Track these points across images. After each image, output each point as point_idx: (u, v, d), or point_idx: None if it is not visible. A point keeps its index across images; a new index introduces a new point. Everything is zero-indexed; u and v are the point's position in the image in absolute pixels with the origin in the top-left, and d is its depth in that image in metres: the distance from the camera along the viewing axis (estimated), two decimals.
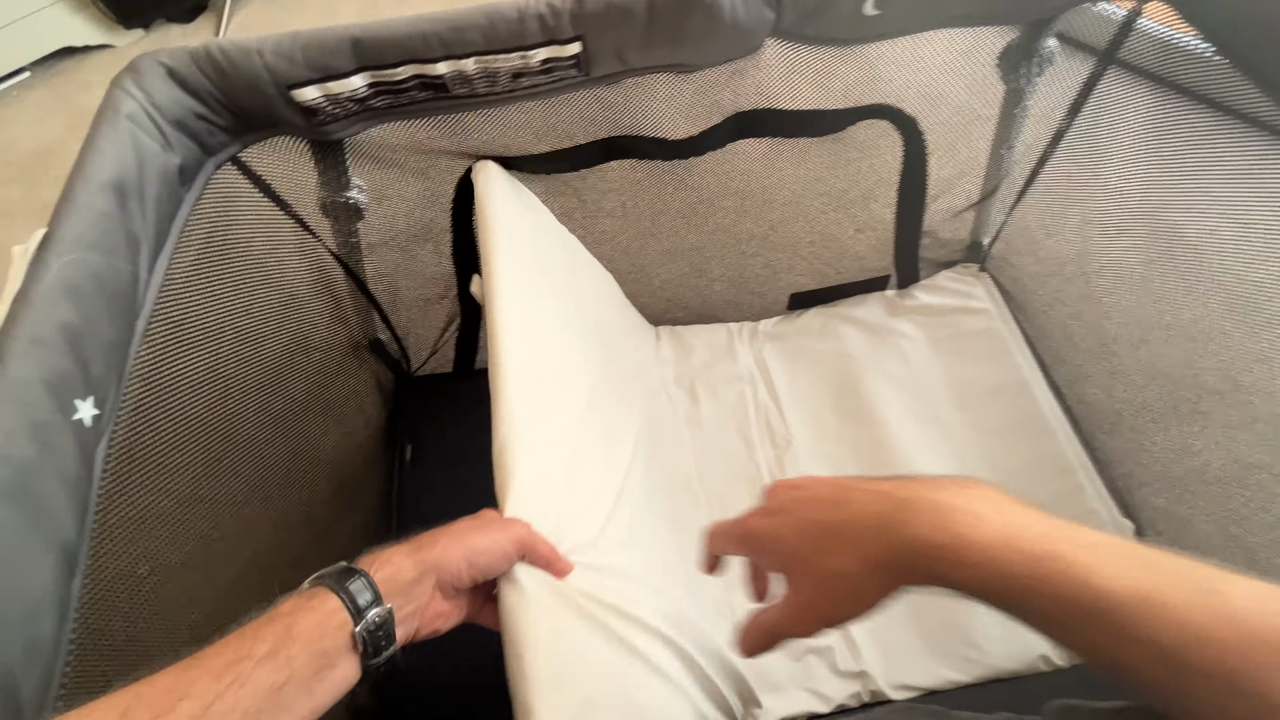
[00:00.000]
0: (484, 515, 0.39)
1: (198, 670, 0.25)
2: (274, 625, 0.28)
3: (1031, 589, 0.23)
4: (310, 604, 0.29)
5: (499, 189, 0.57)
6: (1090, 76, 0.62)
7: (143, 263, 0.42)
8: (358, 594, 0.30)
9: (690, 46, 0.50)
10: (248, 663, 0.25)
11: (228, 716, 0.23)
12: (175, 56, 0.46)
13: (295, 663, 0.27)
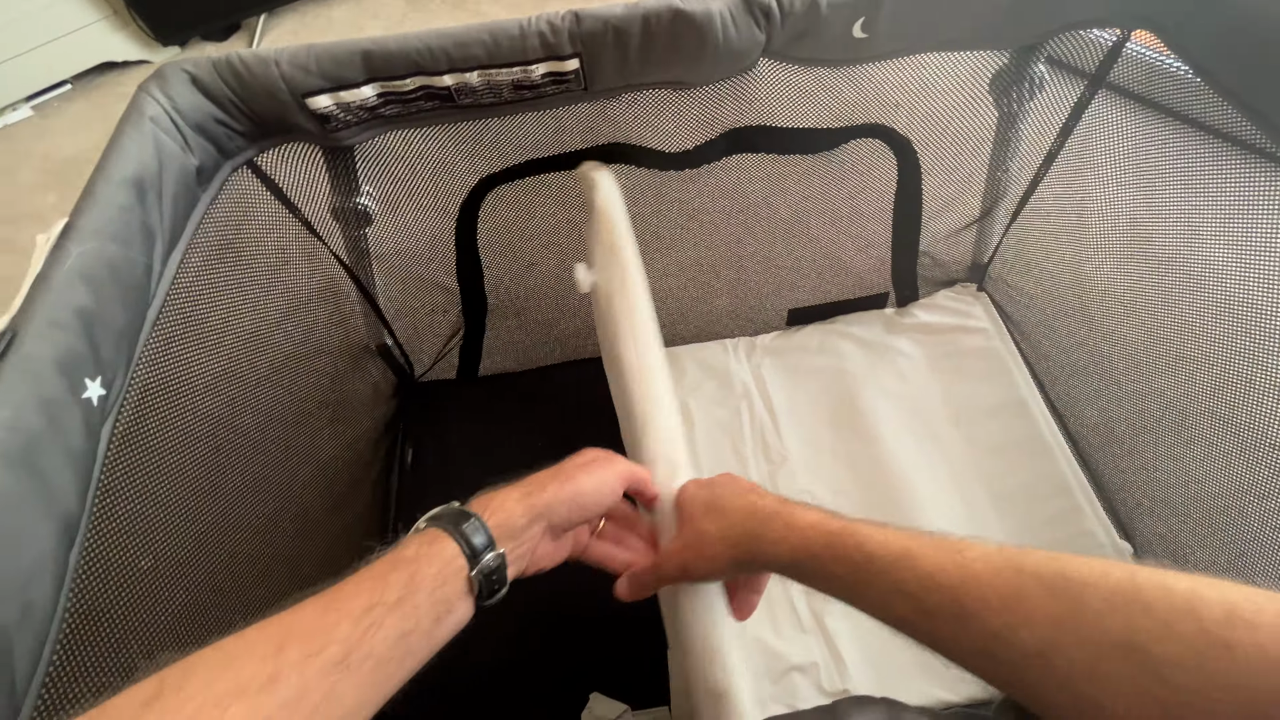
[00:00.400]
0: (588, 454, 0.41)
1: (338, 614, 0.26)
2: (400, 572, 0.29)
3: (827, 556, 0.30)
4: (431, 550, 0.30)
5: (613, 186, 0.58)
6: (1080, 100, 0.63)
7: (156, 256, 0.45)
8: (473, 538, 0.31)
9: (684, 65, 0.52)
10: (381, 609, 0.26)
11: (364, 662, 0.24)
12: (198, 65, 0.49)
13: (420, 610, 0.28)
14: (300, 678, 0.22)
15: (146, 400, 0.44)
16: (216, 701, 0.20)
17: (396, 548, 0.31)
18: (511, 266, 0.80)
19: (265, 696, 0.21)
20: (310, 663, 0.23)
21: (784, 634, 0.70)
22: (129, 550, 0.41)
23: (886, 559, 0.28)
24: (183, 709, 0.20)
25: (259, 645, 0.23)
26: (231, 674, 0.21)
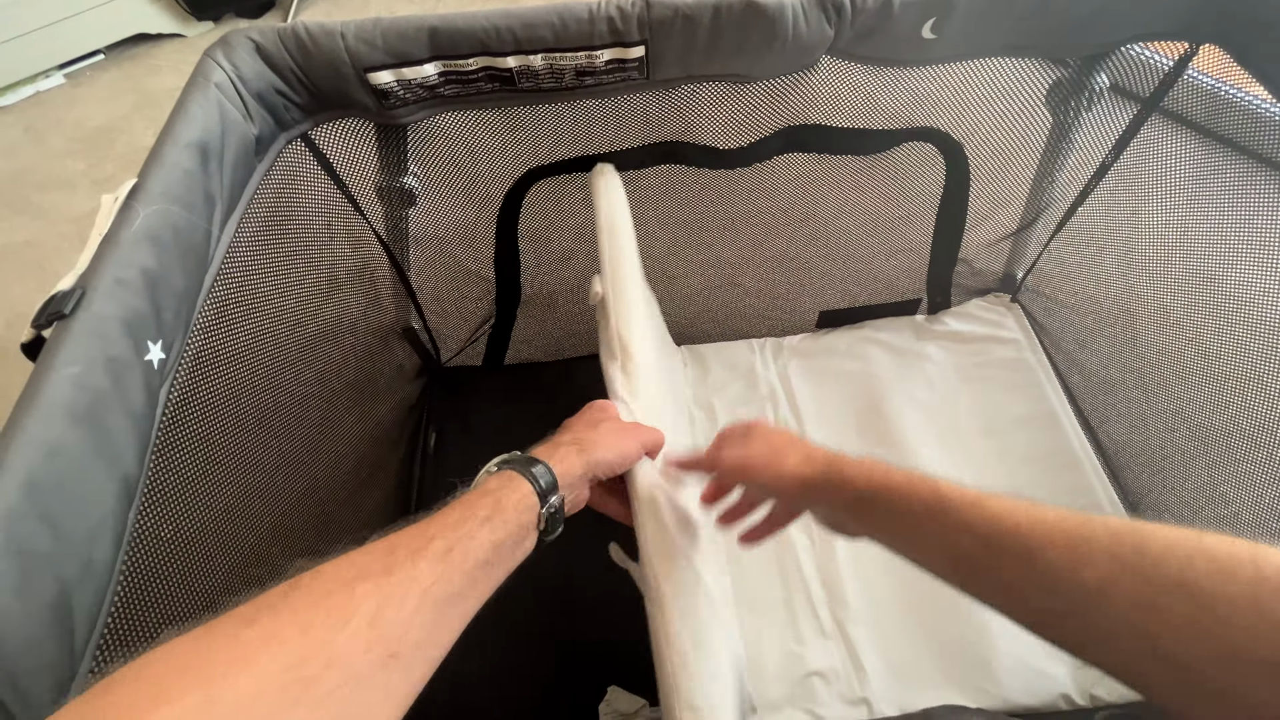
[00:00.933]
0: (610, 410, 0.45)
1: (435, 525, 0.29)
2: (486, 499, 0.32)
3: (903, 491, 0.32)
4: (510, 485, 0.34)
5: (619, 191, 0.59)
6: (1136, 117, 0.62)
7: (215, 222, 0.44)
8: (543, 480, 0.35)
9: (750, 57, 0.51)
10: (473, 522, 0.30)
11: (464, 560, 0.28)
12: (264, 34, 0.48)
13: (507, 527, 0.31)
14: (413, 566, 0.26)
15: (198, 368, 0.44)
16: (345, 583, 0.23)
17: (477, 484, 0.35)
18: (547, 259, 0.80)
19: (384, 578, 0.24)
20: (419, 555, 0.26)
21: (805, 639, 0.69)
22: (177, 515, 0.41)
23: (958, 500, 0.29)
24: (318, 588, 0.23)
25: (373, 549, 0.26)
26: (355, 566, 0.24)
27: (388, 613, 0.23)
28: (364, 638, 0.22)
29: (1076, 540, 0.25)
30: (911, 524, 0.31)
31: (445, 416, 0.92)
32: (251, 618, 0.21)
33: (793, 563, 0.73)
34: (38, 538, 0.29)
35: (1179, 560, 0.22)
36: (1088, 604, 0.24)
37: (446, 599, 0.26)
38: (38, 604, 0.28)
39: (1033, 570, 0.25)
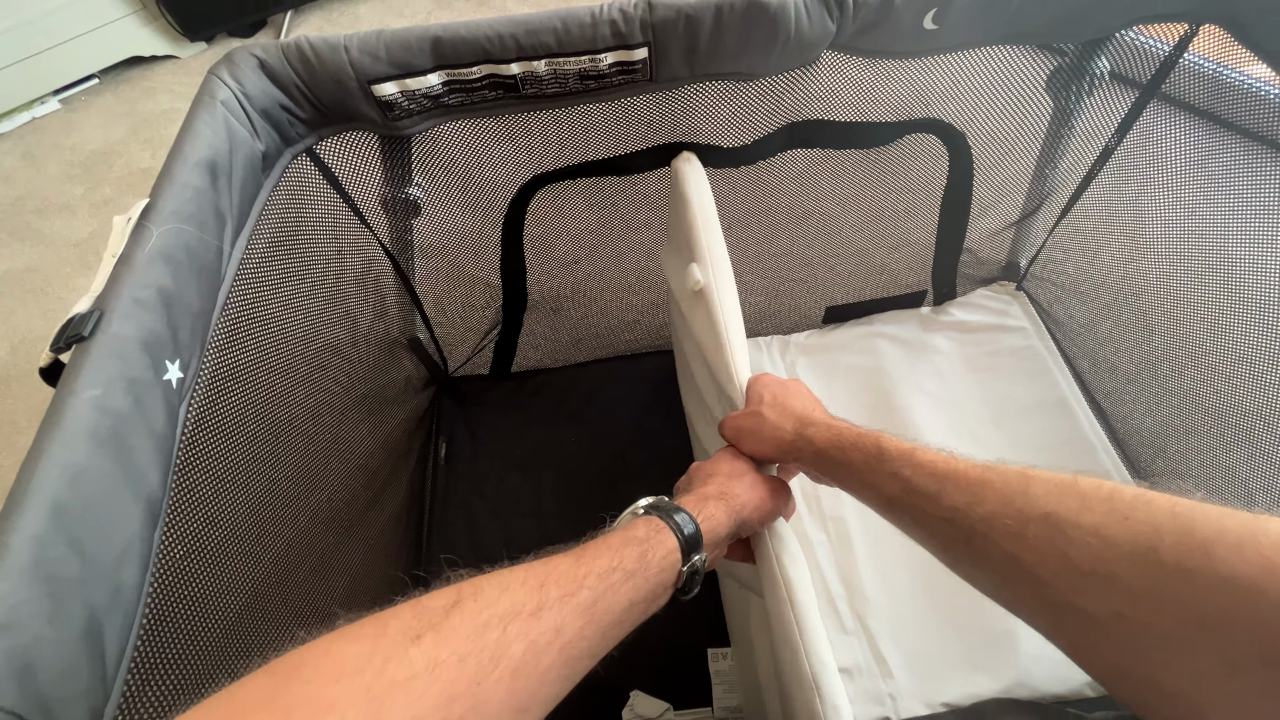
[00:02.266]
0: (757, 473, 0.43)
1: (587, 568, 0.28)
2: (633, 548, 0.31)
3: (850, 446, 0.36)
4: (658, 537, 0.33)
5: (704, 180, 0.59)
6: (1137, 100, 0.63)
7: (226, 239, 0.44)
8: (689, 537, 0.34)
9: (753, 55, 0.51)
10: (620, 574, 0.29)
11: (603, 617, 0.28)
12: (267, 50, 0.48)
13: (647, 586, 0.31)
14: (559, 613, 0.26)
15: (214, 386, 0.44)
16: (500, 618, 0.23)
17: (626, 527, 0.34)
18: (553, 265, 0.80)
19: (534, 621, 0.24)
20: (567, 601, 0.26)
21: (827, 636, 0.69)
22: (200, 534, 0.40)
23: (893, 451, 0.33)
24: (478, 616, 0.23)
25: (529, 579, 0.26)
26: (509, 598, 0.25)
27: (529, 662, 0.23)
28: (505, 687, 0.22)
29: (975, 483, 0.29)
30: (856, 473, 0.35)
31: (455, 425, 0.92)
32: (418, 632, 0.22)
33: (812, 560, 0.73)
34: (67, 564, 0.29)
35: (1051, 500, 0.25)
36: (974, 533, 0.28)
37: (579, 655, 0.26)
38: (70, 631, 0.28)
39: (939, 506, 0.30)
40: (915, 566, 0.71)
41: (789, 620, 0.38)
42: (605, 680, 0.74)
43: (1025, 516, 0.26)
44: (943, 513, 0.29)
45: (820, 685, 0.36)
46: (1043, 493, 0.26)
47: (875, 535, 0.73)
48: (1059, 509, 0.25)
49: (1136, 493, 0.24)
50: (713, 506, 0.36)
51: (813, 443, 0.38)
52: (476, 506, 0.86)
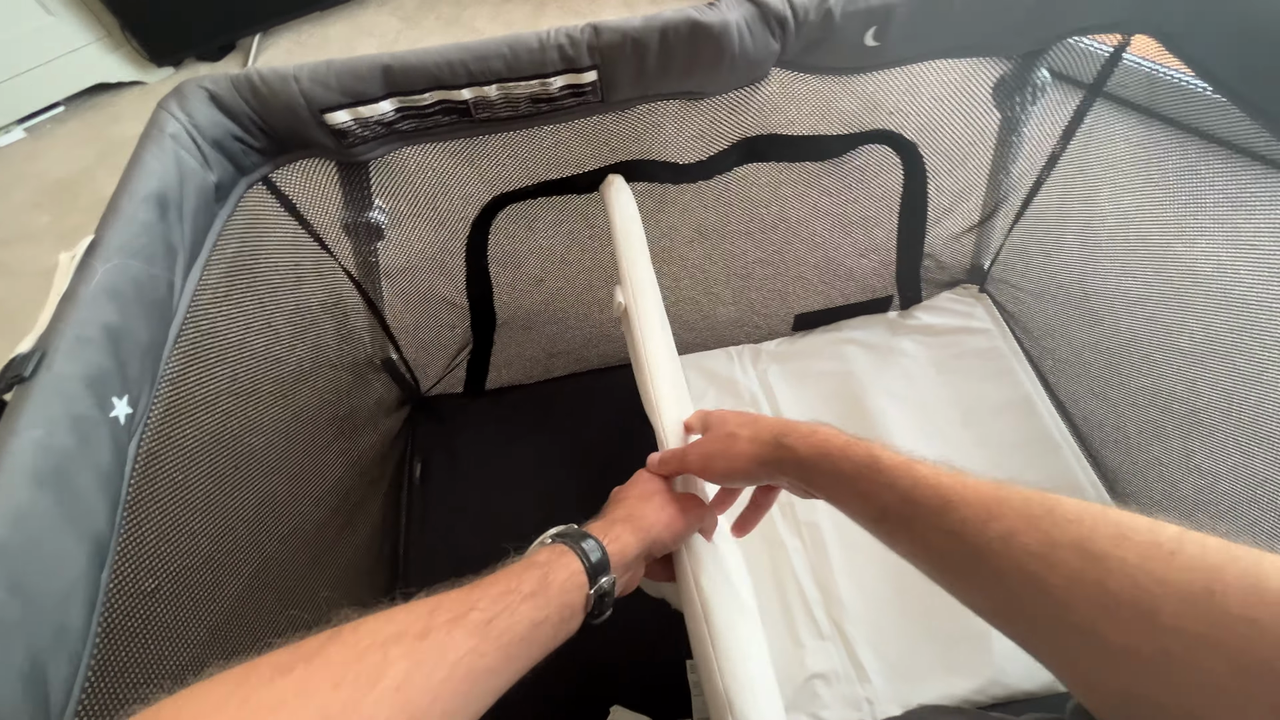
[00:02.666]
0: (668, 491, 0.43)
1: (479, 593, 0.29)
2: (534, 571, 0.32)
3: (839, 455, 0.34)
4: (560, 561, 0.33)
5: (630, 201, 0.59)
6: (1080, 105, 0.65)
7: (178, 272, 0.44)
8: (595, 560, 0.34)
9: (701, 75, 0.52)
10: (516, 596, 0.29)
11: (501, 635, 0.28)
12: (217, 82, 0.49)
13: (550, 606, 0.31)
14: (449, 634, 0.26)
15: (168, 419, 0.43)
16: (381, 643, 0.24)
17: (528, 555, 0.34)
18: (520, 282, 0.80)
19: (419, 643, 0.24)
20: (457, 623, 0.26)
21: (804, 643, 0.69)
22: (156, 570, 0.40)
23: (888, 461, 0.32)
24: (356, 645, 0.23)
25: (415, 608, 0.26)
26: (393, 625, 0.25)
27: (416, 679, 0.23)
28: (389, 703, 0.22)
29: (990, 500, 0.27)
30: (846, 483, 0.34)
31: (430, 446, 0.91)
32: (288, 666, 0.22)
33: (786, 566, 0.74)
34: (6, 607, 0.28)
35: (1084, 525, 0.24)
36: (989, 550, 0.26)
37: (479, 672, 0.26)
38: (8, 675, 0.28)
39: (945, 520, 0.28)
40: (890, 571, 0.71)
41: (704, 637, 0.38)
42: (585, 696, 0.74)
43: (1053, 540, 0.24)
44: (948, 527, 0.28)
45: (733, 703, 0.35)
46: (1073, 517, 0.25)
47: (850, 540, 0.74)
48: (1093, 537, 0.24)
49: (1178, 530, 0.23)
50: (619, 529, 0.37)
51: (794, 452, 0.36)
52: (455, 526, 0.85)
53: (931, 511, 0.29)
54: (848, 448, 0.34)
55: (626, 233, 0.55)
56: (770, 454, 0.38)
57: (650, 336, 0.49)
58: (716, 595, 0.39)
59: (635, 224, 0.56)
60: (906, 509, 0.30)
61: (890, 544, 0.32)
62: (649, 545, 0.38)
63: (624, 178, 0.62)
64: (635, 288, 0.52)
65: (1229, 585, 0.21)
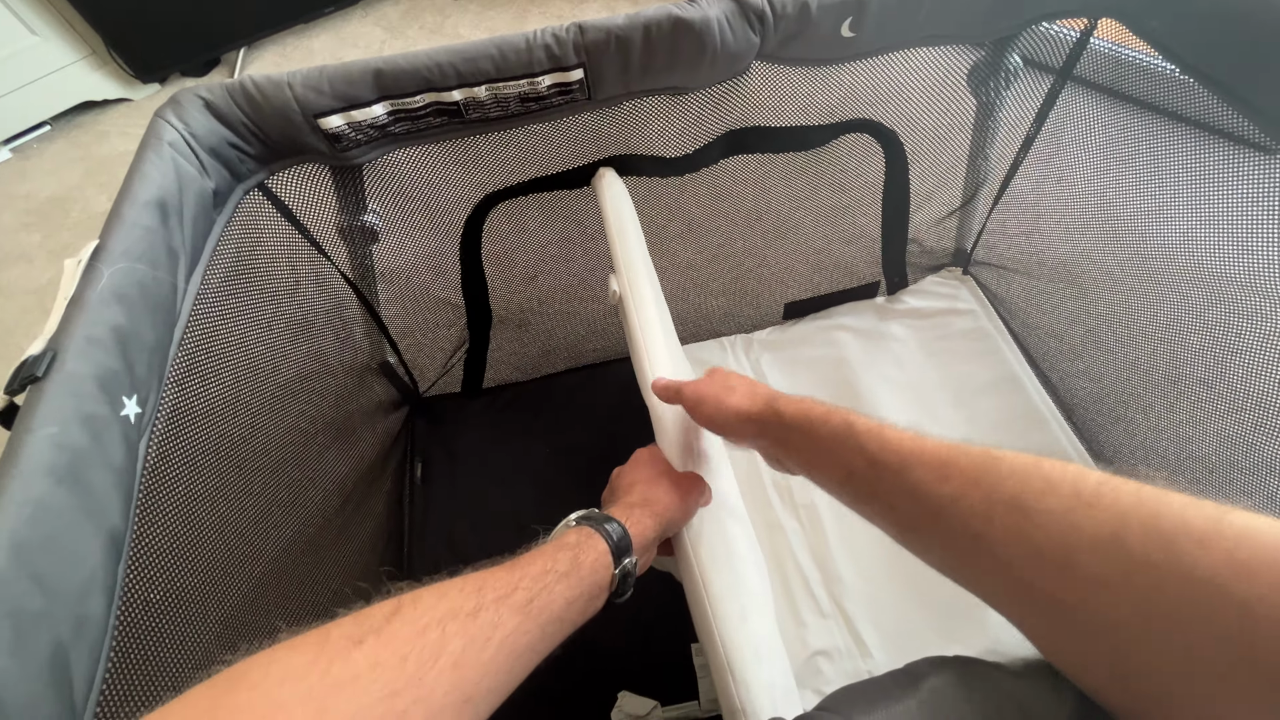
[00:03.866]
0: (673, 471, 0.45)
1: (519, 572, 0.30)
2: (565, 553, 0.33)
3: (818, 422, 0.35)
4: (589, 543, 0.35)
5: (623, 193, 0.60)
6: (1052, 88, 0.67)
7: (180, 275, 0.45)
8: (620, 542, 0.36)
9: (684, 70, 0.54)
10: (552, 576, 0.31)
11: (541, 613, 0.29)
12: (212, 90, 0.50)
13: (582, 586, 0.32)
14: (496, 611, 0.27)
15: (175, 420, 0.44)
16: (439, 620, 0.25)
17: (559, 536, 0.35)
18: (515, 280, 0.81)
19: (471, 621, 0.26)
20: (504, 601, 0.28)
21: (806, 621, 0.71)
22: (168, 567, 0.41)
23: (862, 428, 0.32)
24: (418, 621, 0.24)
25: (465, 585, 0.28)
26: (447, 603, 0.26)
27: (469, 656, 0.25)
28: (448, 679, 0.24)
29: (942, 461, 0.28)
30: (821, 450, 0.34)
31: (430, 445, 0.92)
32: (359, 637, 0.23)
33: (786, 548, 0.75)
34: (29, 597, 0.29)
35: (1016, 482, 0.25)
36: (941, 511, 0.27)
37: (521, 649, 0.28)
38: (34, 663, 0.29)
39: (904, 482, 0.29)
40: (885, 548, 0.72)
41: (706, 611, 0.39)
42: (594, 683, 0.75)
43: (991, 499, 0.25)
44: (906, 487, 0.29)
45: (734, 669, 0.37)
46: (1008, 473, 0.25)
47: (846, 520, 0.75)
48: (1024, 492, 0.24)
49: (1101, 478, 0.23)
50: (638, 513, 0.38)
51: (781, 415, 0.37)
52: (456, 523, 0.86)
53: (893, 473, 0.30)
54: (829, 415, 0.35)
55: (620, 221, 0.56)
56: (758, 413, 0.39)
57: (647, 320, 0.50)
58: (715, 565, 0.40)
59: (629, 214, 0.57)
60: (871, 471, 0.31)
61: (857, 507, 0.33)
62: (665, 527, 0.39)
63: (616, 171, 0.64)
64: (630, 274, 0.53)
65: (1132, 529, 0.21)
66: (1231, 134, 0.55)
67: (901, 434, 0.31)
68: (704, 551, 0.41)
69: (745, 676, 0.36)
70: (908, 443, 0.30)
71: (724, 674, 0.37)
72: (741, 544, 0.44)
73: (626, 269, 0.53)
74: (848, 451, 0.32)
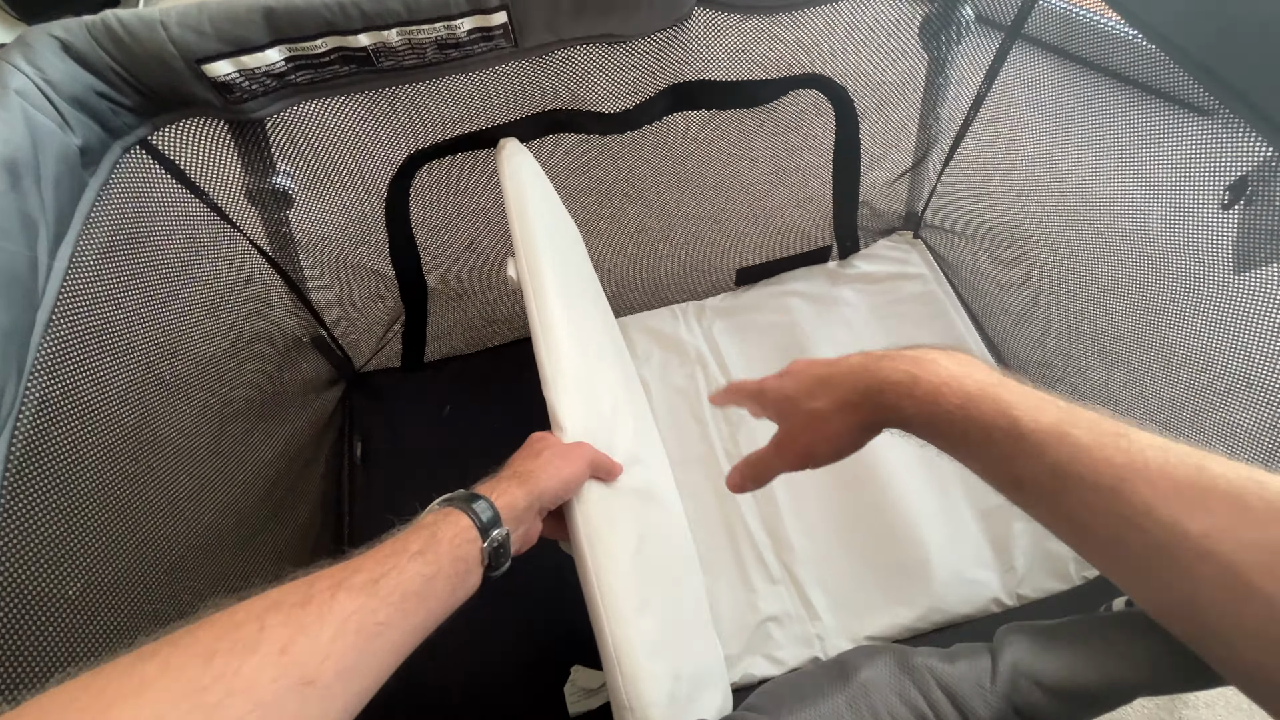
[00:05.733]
0: (549, 439, 0.43)
1: (362, 559, 0.29)
2: (420, 532, 0.31)
3: (965, 418, 0.28)
4: (447, 520, 0.33)
5: (525, 165, 0.56)
6: (1001, 47, 0.65)
7: (41, 248, 0.39)
8: (483, 515, 0.34)
9: (620, 15, 0.50)
10: (403, 556, 0.29)
11: (392, 593, 0.27)
12: (69, 29, 0.43)
13: (441, 562, 0.31)
14: (332, 597, 0.25)
15: (48, 411, 0.39)
16: (257, 615, 0.23)
17: (414, 521, 0.33)
18: (450, 246, 0.76)
19: (300, 609, 0.24)
20: (340, 587, 0.26)
21: (756, 588, 0.71)
22: (50, 579, 0.37)
23: (1030, 427, 0.26)
24: (231, 619, 0.23)
25: (294, 584, 0.26)
26: (268, 599, 0.24)
27: (301, 641, 0.23)
28: (273, 665, 0.22)
29: (1185, 485, 0.22)
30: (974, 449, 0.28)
31: (369, 424, 0.88)
32: (151, 652, 0.21)
33: (736, 515, 0.75)
34: None
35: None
36: (1175, 543, 0.22)
37: (371, 629, 0.26)
38: None
39: (1119, 504, 0.23)
40: (833, 512, 0.74)
41: (595, 596, 0.38)
42: (546, 658, 0.74)
43: (1262, 546, 0.20)
44: (1123, 511, 0.23)
45: (621, 660, 0.35)
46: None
47: (796, 487, 0.76)
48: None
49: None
50: (506, 484, 0.37)
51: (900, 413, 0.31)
52: (402, 503, 0.81)
53: (1093, 490, 0.24)
54: (969, 405, 0.27)
55: (520, 198, 0.51)
56: (868, 419, 0.32)
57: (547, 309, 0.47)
58: (606, 553, 0.39)
59: (533, 189, 0.52)
60: (1055, 483, 0.25)
61: (1026, 510, 0.28)
62: (537, 496, 0.38)
63: (548, 129, 0.59)
64: (529, 261, 0.48)
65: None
66: (1171, 95, 0.55)
67: (1100, 437, 0.24)
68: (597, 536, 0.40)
69: (634, 671, 0.35)
70: (1117, 455, 0.24)
71: (612, 670, 0.36)
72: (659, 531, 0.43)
73: (526, 255, 0.48)
74: (1015, 456, 0.26)
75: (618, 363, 0.62)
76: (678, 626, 0.39)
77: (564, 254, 0.56)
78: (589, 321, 0.55)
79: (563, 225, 0.62)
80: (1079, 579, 0.69)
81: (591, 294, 0.64)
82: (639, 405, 0.65)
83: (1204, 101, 0.50)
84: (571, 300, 0.50)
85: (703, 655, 0.39)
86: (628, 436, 0.52)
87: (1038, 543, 0.71)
